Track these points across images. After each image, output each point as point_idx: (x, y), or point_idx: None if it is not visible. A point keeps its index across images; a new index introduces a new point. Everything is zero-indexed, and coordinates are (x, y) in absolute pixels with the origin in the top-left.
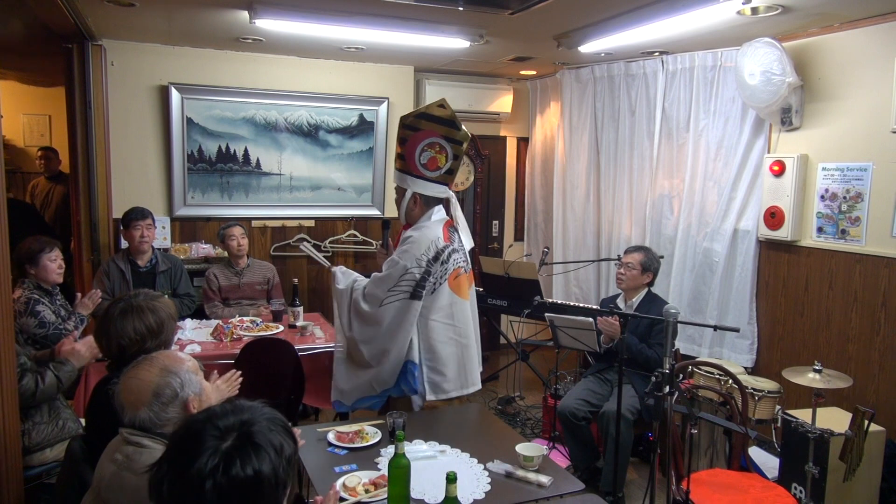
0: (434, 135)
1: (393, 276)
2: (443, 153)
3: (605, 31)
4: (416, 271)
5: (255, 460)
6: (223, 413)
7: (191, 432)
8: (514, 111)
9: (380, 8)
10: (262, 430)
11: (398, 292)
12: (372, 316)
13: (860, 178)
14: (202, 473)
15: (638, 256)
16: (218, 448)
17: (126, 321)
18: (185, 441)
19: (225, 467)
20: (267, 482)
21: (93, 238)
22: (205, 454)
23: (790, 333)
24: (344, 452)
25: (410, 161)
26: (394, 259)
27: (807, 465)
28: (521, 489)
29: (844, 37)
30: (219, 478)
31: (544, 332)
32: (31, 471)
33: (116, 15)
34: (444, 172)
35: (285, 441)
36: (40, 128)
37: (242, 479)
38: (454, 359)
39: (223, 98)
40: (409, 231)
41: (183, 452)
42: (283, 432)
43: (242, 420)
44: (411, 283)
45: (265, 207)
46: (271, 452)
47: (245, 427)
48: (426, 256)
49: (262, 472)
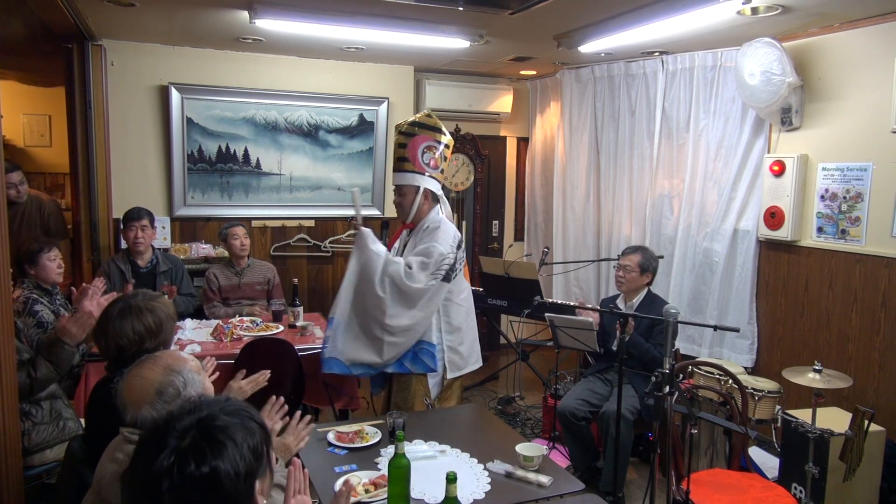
0: (429, 139)
1: (436, 259)
2: (440, 154)
3: (605, 31)
4: (451, 257)
5: (210, 457)
6: (180, 414)
7: (153, 433)
8: (514, 111)
9: (380, 8)
10: (221, 425)
11: (438, 275)
12: (413, 293)
13: (860, 178)
14: (159, 474)
15: (636, 258)
16: (176, 447)
17: (125, 321)
18: (147, 442)
19: (179, 466)
20: (226, 477)
21: (93, 238)
22: (162, 454)
23: (790, 333)
24: (344, 452)
25: (416, 162)
26: (433, 245)
27: (807, 465)
28: (521, 489)
29: (844, 37)
30: (174, 477)
31: (544, 332)
32: (32, 471)
33: (116, 15)
34: (440, 171)
35: (248, 432)
36: (40, 128)
37: (198, 478)
38: (469, 338)
39: (223, 98)
40: (427, 223)
41: (144, 453)
42: (246, 423)
43: (199, 417)
44: (446, 267)
45: (265, 207)
46: (229, 446)
47: (202, 423)
48: (454, 244)
49: (219, 469)
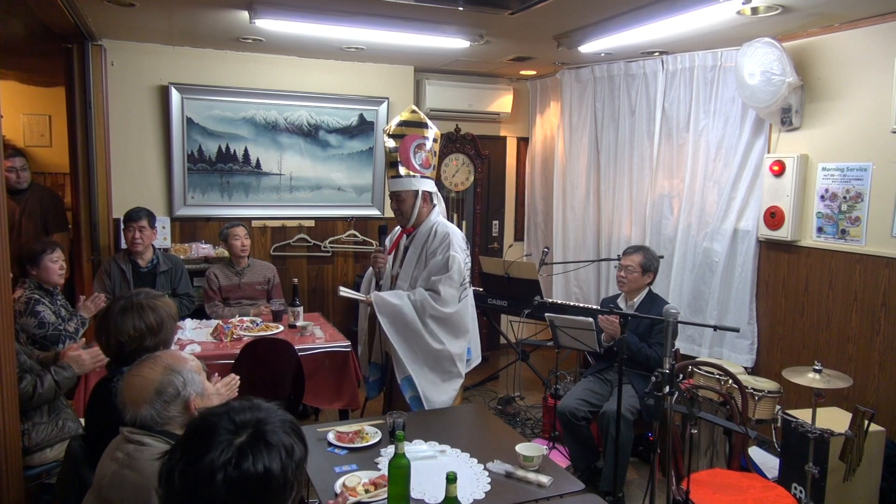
0: (417, 136)
1: (458, 269)
2: (430, 151)
3: (605, 31)
4: (467, 261)
5: (266, 458)
6: (240, 409)
7: (207, 424)
8: (514, 111)
9: (380, 8)
10: (276, 430)
11: (466, 284)
12: (455, 314)
13: (860, 178)
14: (214, 465)
15: (637, 258)
16: (232, 442)
17: (126, 318)
18: (201, 432)
19: (237, 461)
20: (276, 481)
21: (93, 238)
22: (219, 447)
23: (790, 333)
24: (344, 452)
25: (410, 165)
26: (451, 255)
27: (807, 465)
28: (521, 489)
29: (844, 37)
30: (230, 471)
31: (544, 332)
32: (31, 471)
33: (116, 15)
34: (432, 168)
35: (296, 444)
36: (40, 128)
37: (253, 475)
38: (475, 335)
39: (223, 98)
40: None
41: (197, 442)
42: (294, 435)
43: (258, 418)
44: (467, 274)
45: (265, 207)
46: (282, 452)
47: (260, 425)
48: (464, 245)
49: (272, 471)
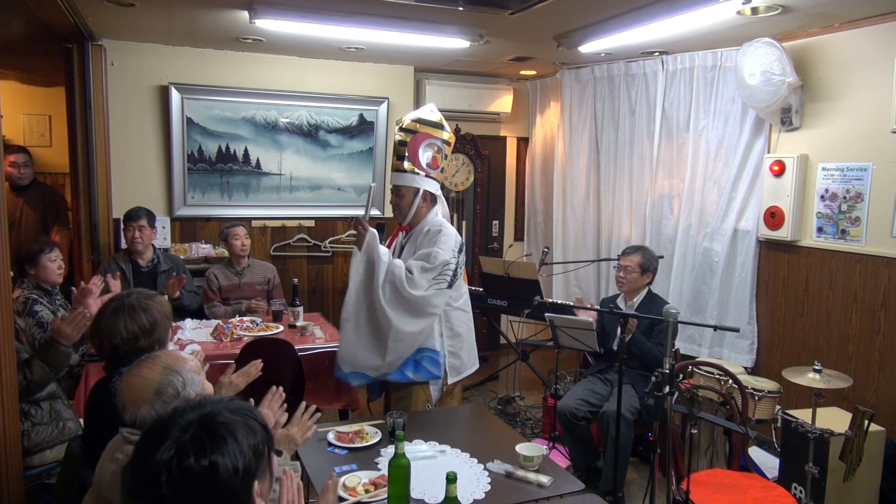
0: (430, 136)
1: (437, 266)
2: (440, 152)
3: (605, 31)
4: (453, 263)
5: (210, 452)
6: (187, 408)
7: (156, 426)
8: (514, 111)
9: (380, 8)
10: (223, 421)
11: (441, 281)
12: (412, 300)
13: (860, 178)
14: (158, 465)
15: (636, 258)
16: (177, 440)
17: (118, 320)
18: (150, 435)
19: (179, 459)
20: (224, 473)
21: (93, 238)
22: (163, 446)
23: (790, 333)
24: (344, 452)
25: (416, 162)
26: (435, 251)
27: (807, 465)
28: (521, 489)
29: (844, 37)
30: (173, 469)
31: (544, 332)
32: (31, 471)
33: (116, 15)
34: (440, 170)
35: (250, 430)
36: (40, 128)
37: (196, 471)
38: (468, 343)
39: (223, 98)
40: (426, 226)
41: (146, 446)
42: (248, 421)
43: (203, 413)
44: (449, 273)
45: (265, 207)
46: (230, 442)
47: (205, 419)
48: (456, 249)
49: (218, 464)
